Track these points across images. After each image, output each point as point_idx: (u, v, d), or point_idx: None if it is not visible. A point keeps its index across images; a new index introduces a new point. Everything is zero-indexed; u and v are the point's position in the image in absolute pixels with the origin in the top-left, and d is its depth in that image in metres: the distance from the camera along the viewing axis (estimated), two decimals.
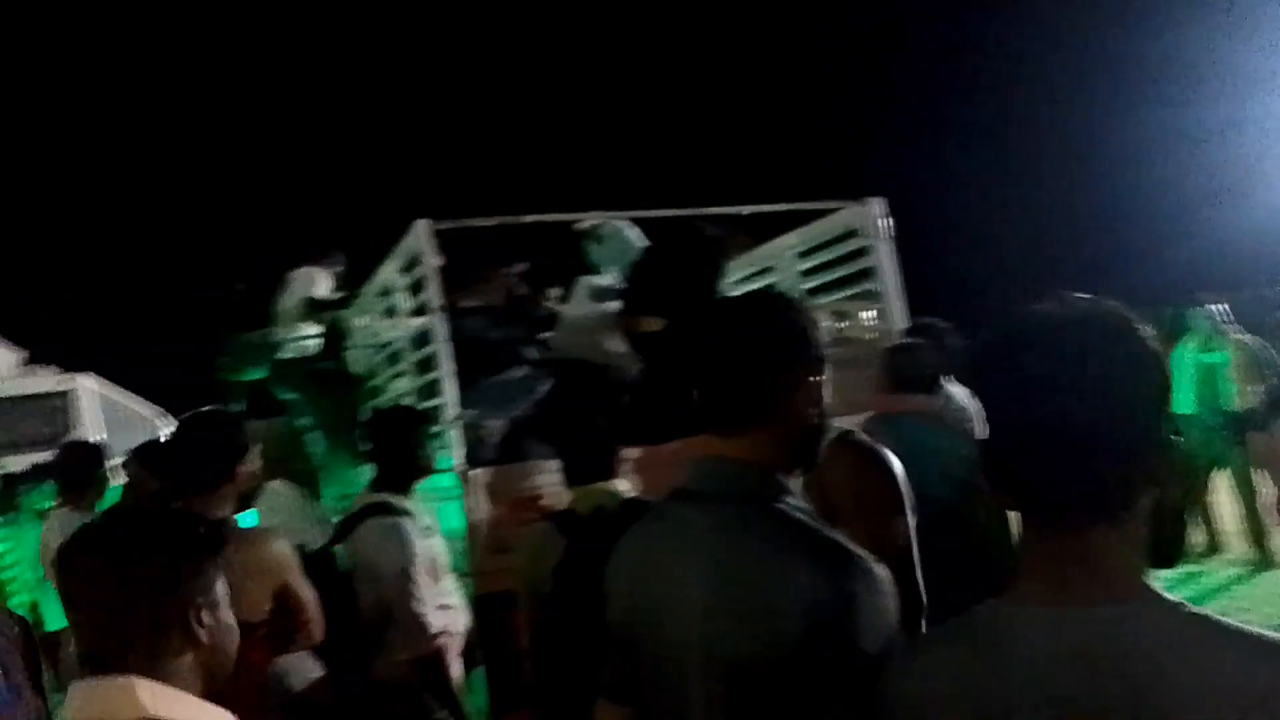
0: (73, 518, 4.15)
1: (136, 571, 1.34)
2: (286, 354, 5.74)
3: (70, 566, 1.38)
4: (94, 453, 4.90)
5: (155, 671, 1.32)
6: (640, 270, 4.77)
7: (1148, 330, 1.04)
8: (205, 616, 1.38)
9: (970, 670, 1.03)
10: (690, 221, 4.62)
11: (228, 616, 1.45)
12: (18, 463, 8.68)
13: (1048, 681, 0.97)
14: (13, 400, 11.05)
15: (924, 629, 1.50)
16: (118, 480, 5.10)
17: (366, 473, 3.37)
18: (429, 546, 3.01)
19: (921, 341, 3.46)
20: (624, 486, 2.66)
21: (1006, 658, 1.01)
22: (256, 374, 5.72)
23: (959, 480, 2.97)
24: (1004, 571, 2.85)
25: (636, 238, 5.51)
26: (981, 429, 1.08)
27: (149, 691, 1.29)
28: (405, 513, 2.98)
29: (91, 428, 10.46)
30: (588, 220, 5.40)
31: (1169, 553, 1.56)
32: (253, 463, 2.63)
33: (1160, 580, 1.04)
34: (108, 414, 11.44)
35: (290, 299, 5.88)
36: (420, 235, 4.16)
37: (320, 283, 5.93)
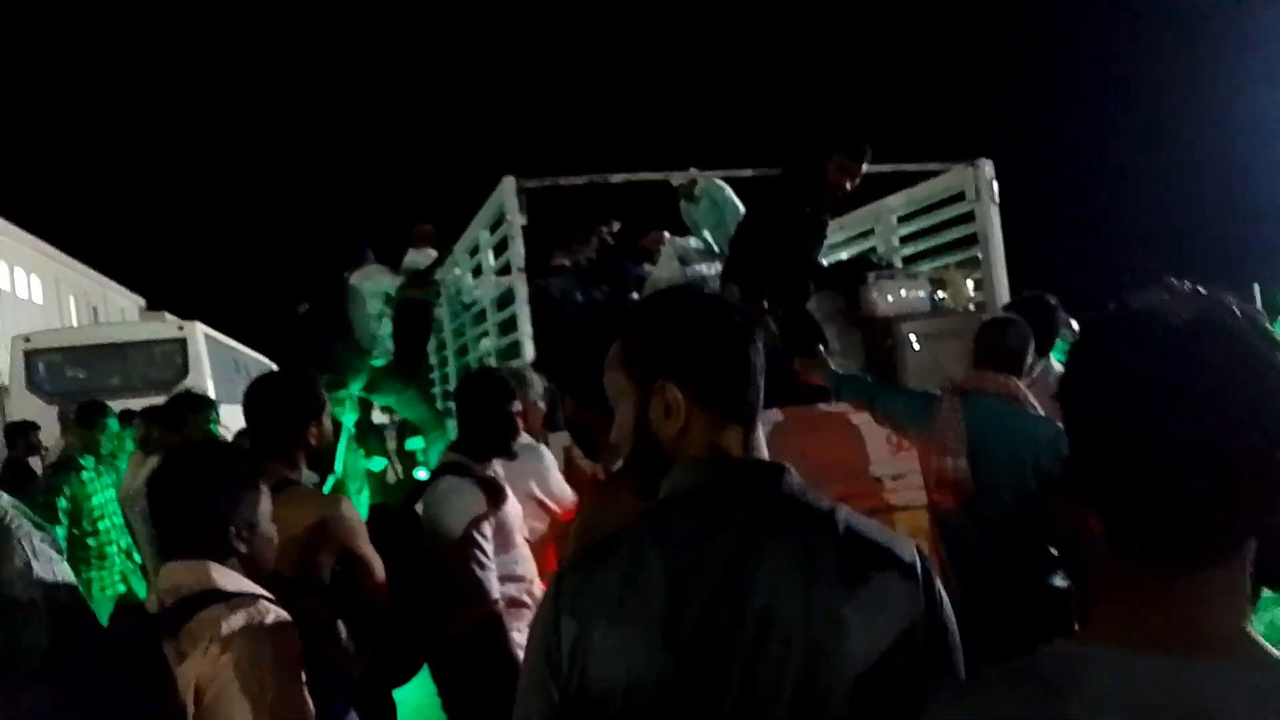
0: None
1: (188, 499, 1.88)
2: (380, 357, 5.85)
3: (150, 494, 1.95)
4: (189, 403, 4.79)
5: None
6: (744, 233, 4.63)
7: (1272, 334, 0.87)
8: (243, 532, 1.90)
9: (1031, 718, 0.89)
10: (799, 183, 4.42)
11: (266, 530, 1.97)
12: (136, 407, 9.13)
13: None
14: (134, 345, 11.61)
15: (976, 665, 1.28)
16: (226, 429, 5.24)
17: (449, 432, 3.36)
18: (503, 513, 2.97)
19: (1013, 317, 3.28)
20: None
21: (1078, 709, 0.86)
22: (360, 380, 5.82)
23: (1034, 467, 2.83)
24: (1073, 582, 2.64)
25: (733, 198, 5.36)
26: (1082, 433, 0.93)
27: (214, 570, 1.85)
28: (478, 475, 2.95)
29: (205, 373, 10.91)
30: (683, 176, 5.27)
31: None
32: (327, 424, 2.62)
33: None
34: (218, 360, 11.92)
35: (369, 301, 5.95)
36: (506, 192, 4.10)
37: (387, 275, 5.99)
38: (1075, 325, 6.17)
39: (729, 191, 5.40)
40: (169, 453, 2.20)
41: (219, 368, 11.59)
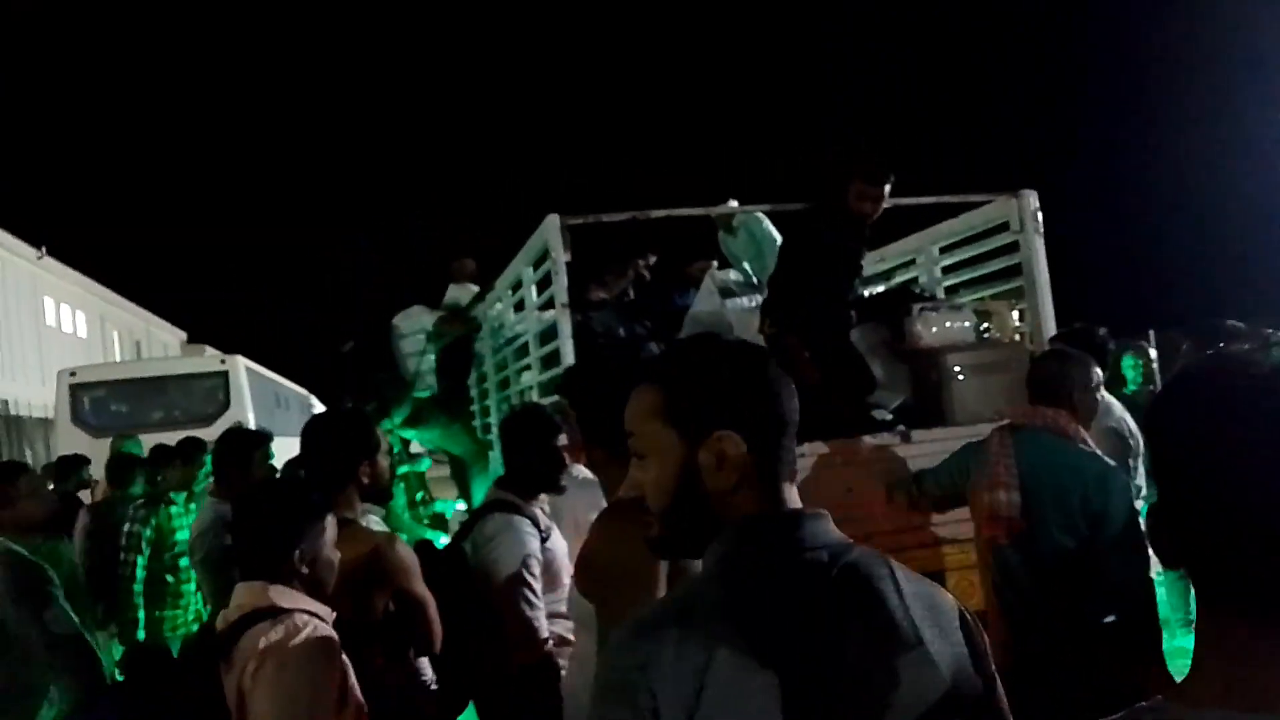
0: (221, 508, 3.75)
1: (258, 532, 2.11)
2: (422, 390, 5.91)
3: (232, 524, 2.21)
4: (251, 440, 4.38)
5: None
6: (782, 268, 4.62)
7: None
8: (307, 557, 2.08)
9: None
10: (811, 219, 4.42)
11: (328, 556, 2.14)
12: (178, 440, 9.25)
13: None
14: (177, 379, 11.80)
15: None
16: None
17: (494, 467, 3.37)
18: (549, 551, 2.96)
19: (1067, 350, 3.25)
20: None
21: None
22: (402, 413, 5.88)
23: (1082, 503, 2.78)
24: (1135, 622, 2.58)
25: (771, 230, 5.37)
26: (1173, 486, 0.90)
27: (272, 590, 2.03)
28: (526, 513, 2.94)
29: (246, 406, 11.05)
30: (722, 209, 5.30)
31: None
32: (382, 462, 2.64)
33: None
34: (260, 393, 12.08)
35: (410, 339, 6.04)
36: (550, 229, 4.14)
37: (426, 315, 6.09)
38: (1147, 348, 6.13)
39: (767, 224, 5.41)
40: (249, 487, 2.50)
41: (260, 400, 11.74)
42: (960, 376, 4.36)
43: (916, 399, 4.43)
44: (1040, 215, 4.65)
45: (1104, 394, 3.57)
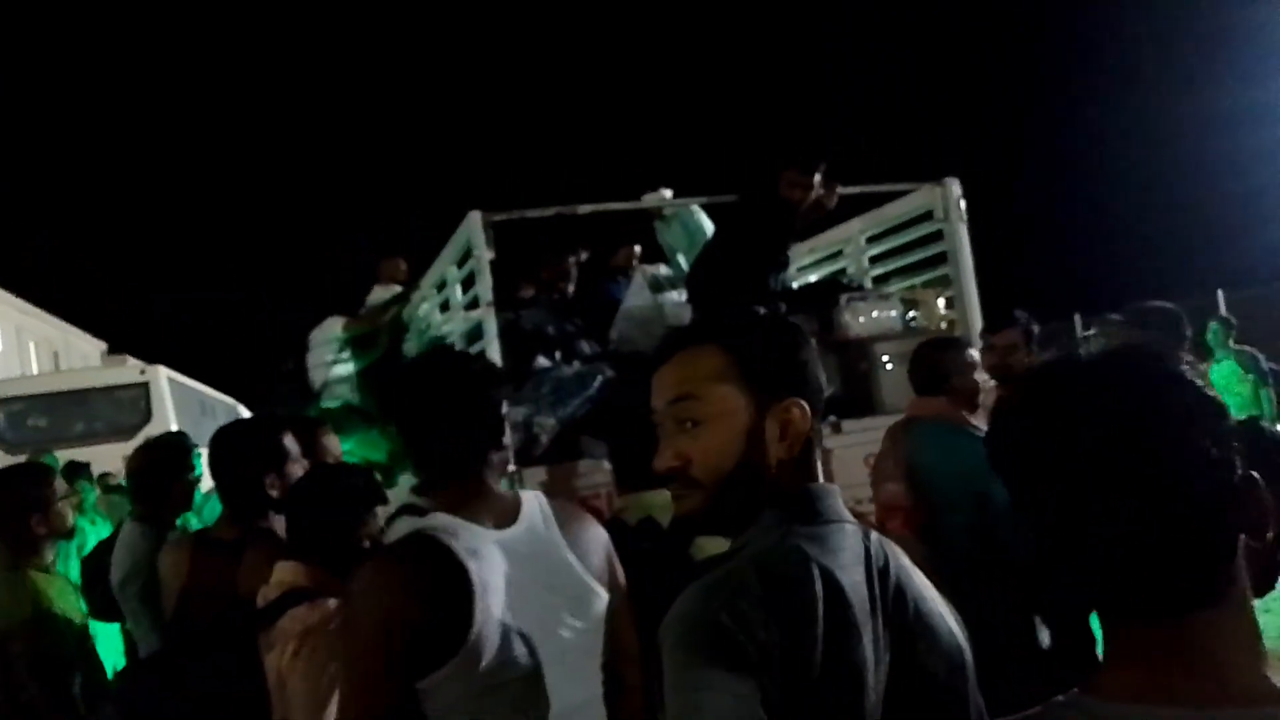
0: (144, 538, 3.28)
1: (314, 515, 2.19)
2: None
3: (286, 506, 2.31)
4: (175, 457, 3.59)
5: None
6: (702, 261, 4.63)
7: (1193, 372, 0.87)
8: (367, 535, 2.20)
9: None
10: (754, 207, 4.44)
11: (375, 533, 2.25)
12: (99, 454, 8.96)
13: None
14: (96, 391, 11.44)
15: None
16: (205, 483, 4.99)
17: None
18: None
19: (942, 338, 3.34)
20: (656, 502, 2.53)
21: None
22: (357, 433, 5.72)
23: (970, 486, 2.84)
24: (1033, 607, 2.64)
25: (704, 222, 5.37)
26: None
27: (310, 571, 2.14)
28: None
29: (169, 418, 10.76)
30: (653, 199, 5.26)
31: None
32: (292, 472, 2.57)
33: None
34: (184, 404, 11.76)
35: (320, 349, 5.92)
36: (473, 226, 4.08)
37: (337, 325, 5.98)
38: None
39: (700, 215, 5.40)
40: (310, 471, 2.46)
41: (184, 412, 11.43)
42: (889, 365, 4.41)
43: (845, 389, 4.48)
44: (964, 203, 4.73)
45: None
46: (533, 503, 1.74)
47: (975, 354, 3.22)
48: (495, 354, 3.97)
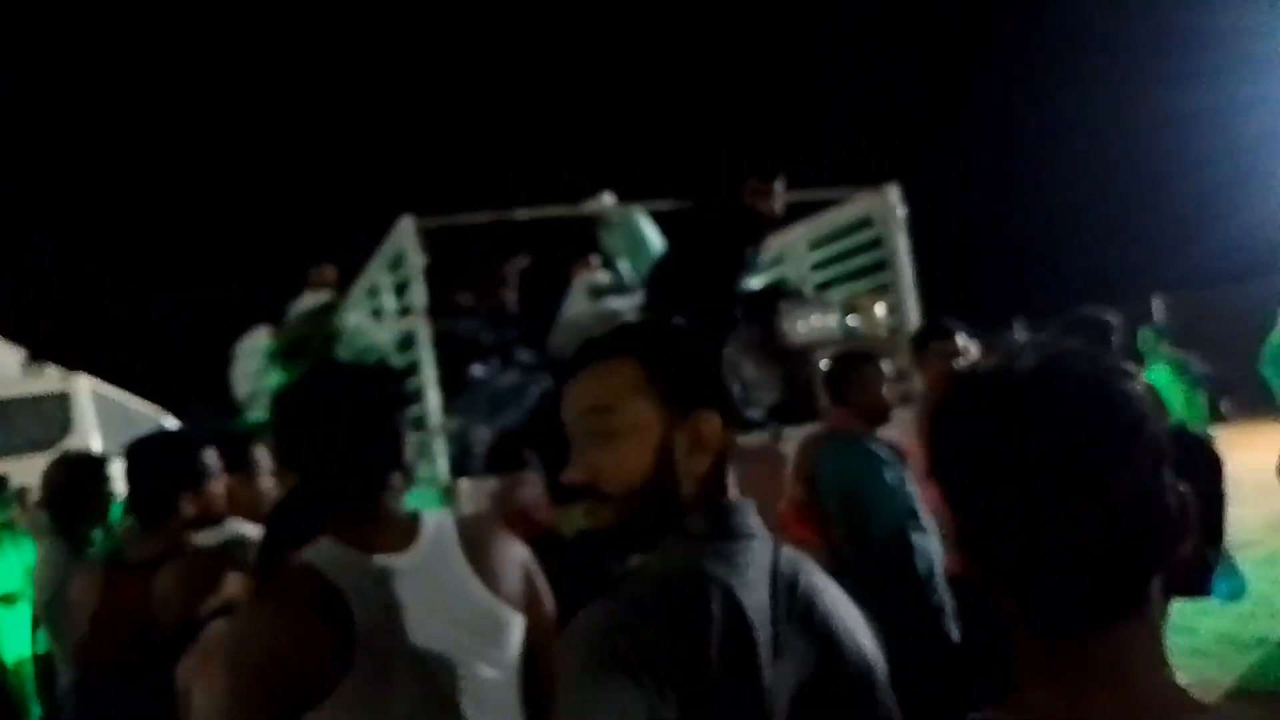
0: (64, 556, 3.37)
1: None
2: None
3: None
4: (90, 472, 3.71)
5: None
6: (662, 269, 4.60)
7: (1127, 379, 0.86)
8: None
9: None
10: (711, 215, 4.44)
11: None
12: (17, 467, 8.65)
13: None
14: (12, 402, 11.04)
15: None
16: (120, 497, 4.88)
17: None
18: None
19: (853, 352, 3.46)
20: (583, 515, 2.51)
21: None
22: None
23: (905, 513, 2.93)
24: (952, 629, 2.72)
25: (651, 230, 5.34)
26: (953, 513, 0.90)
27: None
28: None
29: (90, 430, 10.43)
30: (594, 205, 5.22)
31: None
32: (213, 490, 2.48)
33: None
34: (106, 414, 11.41)
35: (245, 360, 5.78)
36: (405, 233, 4.02)
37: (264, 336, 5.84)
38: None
39: (644, 221, 5.39)
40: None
41: (108, 424, 11.09)
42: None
43: (787, 396, 4.49)
44: (902, 210, 4.79)
45: None
46: (432, 528, 1.62)
47: (887, 367, 3.31)
48: (428, 362, 3.91)
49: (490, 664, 1.55)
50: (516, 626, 1.61)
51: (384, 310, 4.56)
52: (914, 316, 4.70)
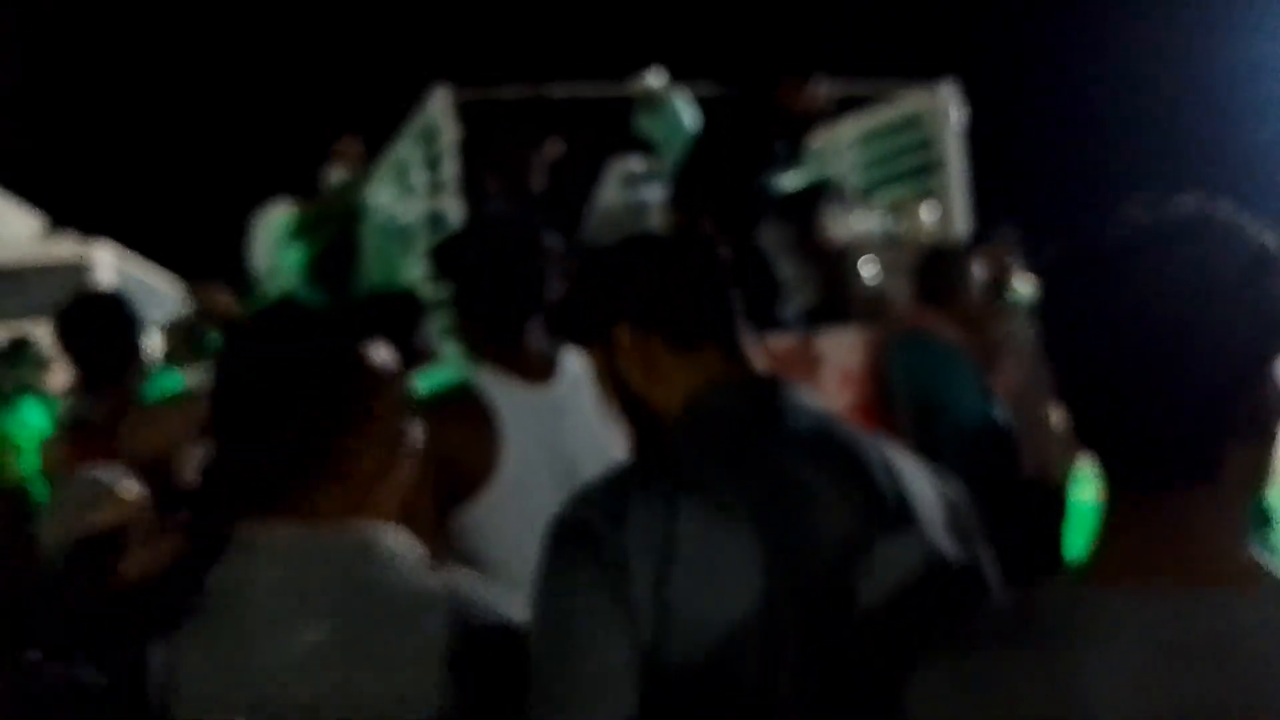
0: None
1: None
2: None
3: None
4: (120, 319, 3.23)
5: None
6: (689, 161, 4.56)
7: (1255, 236, 0.88)
8: None
9: (1042, 673, 0.87)
10: (740, 108, 4.38)
11: None
12: (37, 332, 8.84)
13: (1146, 686, 0.83)
14: (29, 270, 11.22)
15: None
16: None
17: None
18: None
19: (959, 247, 3.38)
20: None
21: (1092, 652, 0.85)
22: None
23: (983, 412, 2.92)
24: (1038, 537, 2.78)
25: (692, 116, 5.26)
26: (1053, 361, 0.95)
27: None
28: None
29: None
30: (644, 83, 5.10)
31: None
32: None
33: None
34: (126, 287, 11.59)
35: (263, 232, 5.78)
36: (439, 105, 4.00)
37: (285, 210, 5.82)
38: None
39: (687, 107, 5.29)
40: None
41: (129, 294, 11.26)
42: (869, 277, 4.43)
43: (823, 299, 4.50)
44: (957, 111, 4.69)
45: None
46: (570, 367, 2.07)
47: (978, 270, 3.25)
48: None
49: None
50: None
51: (413, 186, 4.57)
52: (961, 223, 4.66)
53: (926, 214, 4.74)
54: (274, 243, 5.71)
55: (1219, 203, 0.90)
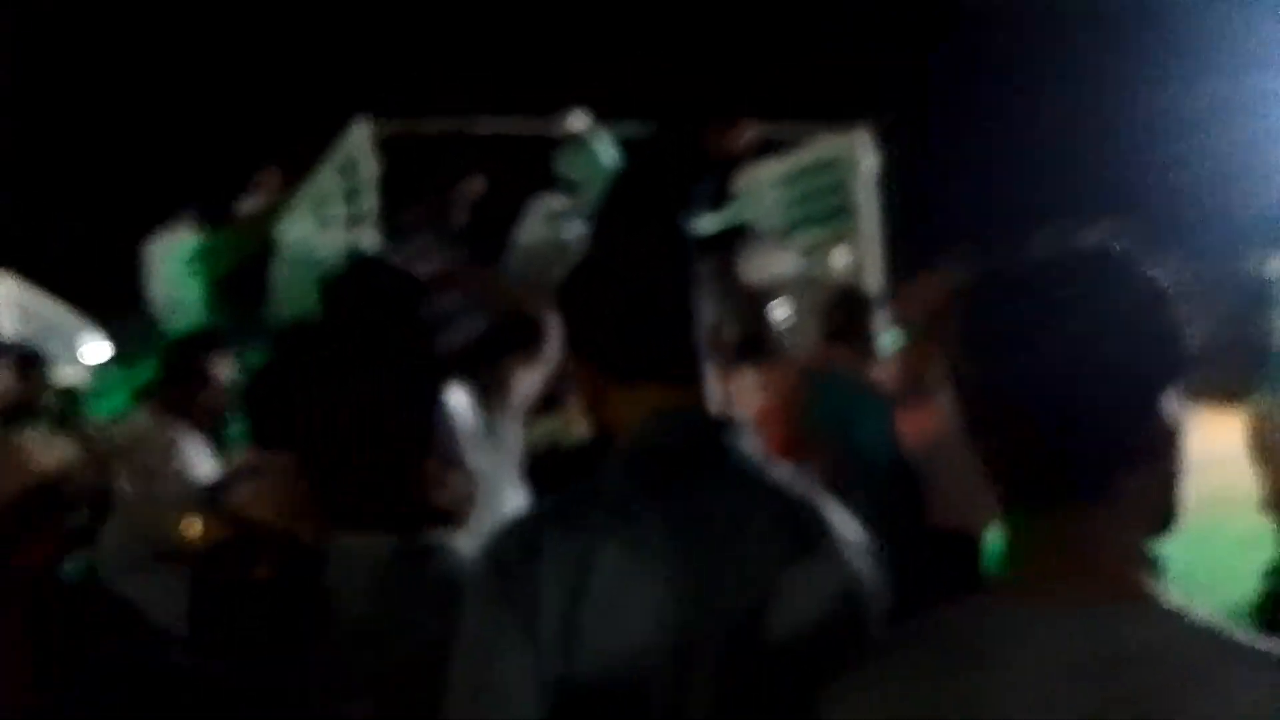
0: None
1: None
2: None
3: None
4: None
5: None
6: (610, 200, 4.63)
7: (1155, 271, 0.93)
8: None
9: (948, 686, 0.91)
10: (667, 144, 4.49)
11: None
12: None
13: (1047, 703, 0.87)
14: None
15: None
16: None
17: None
18: None
19: (865, 288, 3.53)
20: (557, 427, 2.63)
21: (999, 670, 0.89)
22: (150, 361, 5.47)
23: (887, 447, 3.02)
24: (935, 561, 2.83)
25: (614, 156, 5.34)
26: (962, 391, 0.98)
27: None
28: None
29: (9, 333, 10.24)
30: (565, 125, 5.16)
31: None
32: None
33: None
34: (27, 322, 11.19)
35: (165, 264, 5.67)
36: (359, 138, 4.01)
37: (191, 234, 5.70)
38: None
39: (610, 147, 5.37)
40: None
41: (28, 327, 10.89)
42: (784, 316, 4.54)
43: (742, 335, 4.59)
44: (874, 152, 4.86)
45: None
46: None
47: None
48: None
49: None
50: None
51: (332, 219, 4.56)
52: (877, 262, 4.81)
53: (840, 255, 4.89)
54: (175, 271, 5.58)
55: (1122, 237, 0.95)
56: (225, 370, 2.89)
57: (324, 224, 4.79)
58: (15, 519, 2.05)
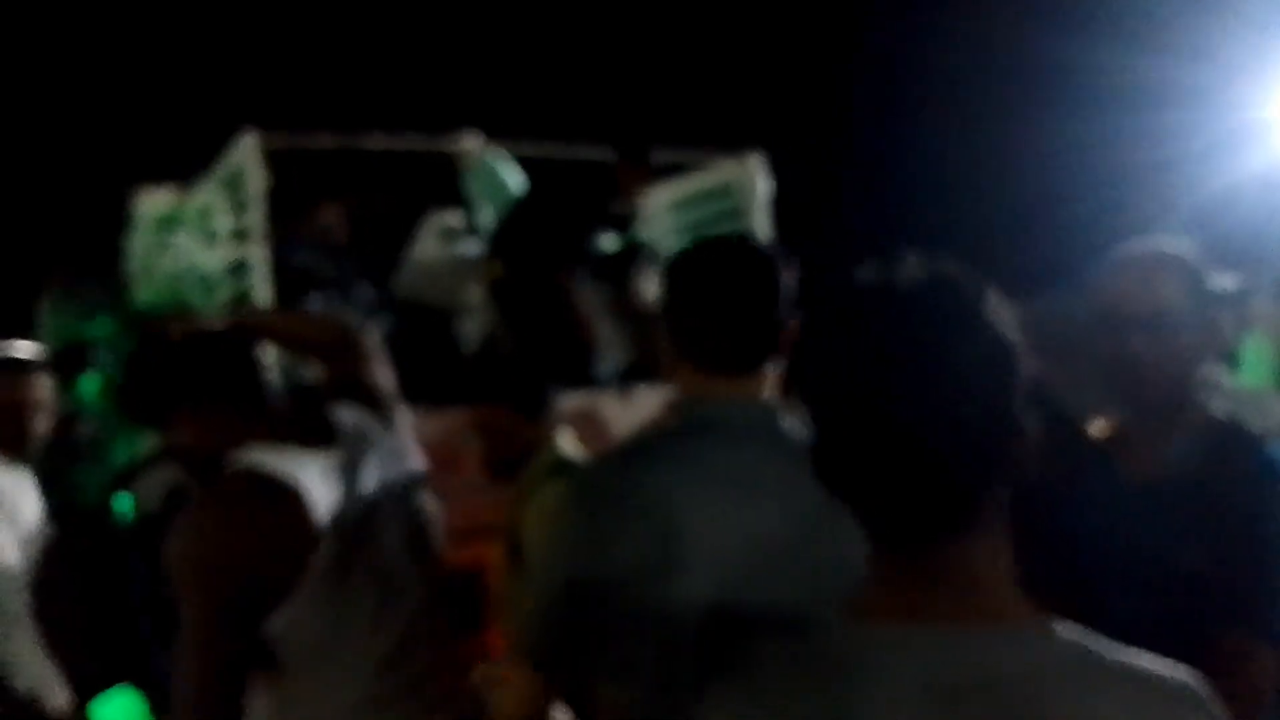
0: None
1: None
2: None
3: None
4: None
5: None
6: (519, 215, 4.72)
7: (996, 304, 0.94)
8: None
9: (817, 700, 0.93)
10: (575, 165, 4.63)
11: None
12: None
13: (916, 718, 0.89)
14: None
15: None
16: None
17: None
18: None
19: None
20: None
21: (863, 689, 0.91)
22: None
23: None
24: None
25: (513, 176, 5.41)
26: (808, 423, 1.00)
27: None
28: None
29: None
30: (462, 143, 5.21)
31: None
32: None
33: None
34: None
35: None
36: (246, 151, 4.02)
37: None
38: None
39: (510, 168, 5.44)
40: None
41: None
42: None
43: (637, 359, 4.75)
44: (765, 179, 5.06)
45: None
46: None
47: None
48: (264, 294, 3.95)
49: None
50: None
51: (217, 233, 4.53)
52: None
53: None
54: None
55: (945, 260, 0.96)
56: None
57: (209, 237, 4.75)
58: None
